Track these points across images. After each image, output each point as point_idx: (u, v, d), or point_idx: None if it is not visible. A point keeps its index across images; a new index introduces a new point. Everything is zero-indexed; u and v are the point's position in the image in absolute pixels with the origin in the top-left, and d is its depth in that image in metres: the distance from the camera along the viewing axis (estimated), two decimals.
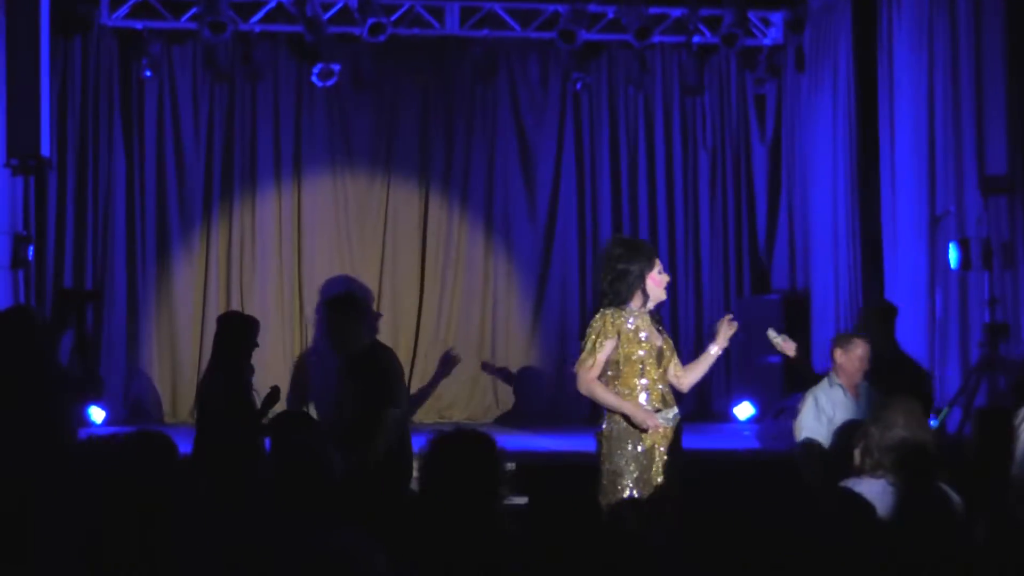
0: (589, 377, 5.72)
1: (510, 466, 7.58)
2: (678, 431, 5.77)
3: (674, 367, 5.91)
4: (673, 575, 3.43)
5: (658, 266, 5.81)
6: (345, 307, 7.02)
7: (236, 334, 7.02)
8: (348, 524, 3.51)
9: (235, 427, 6.73)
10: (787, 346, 6.67)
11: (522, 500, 3.82)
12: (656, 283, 5.78)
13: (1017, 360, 8.59)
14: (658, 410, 5.67)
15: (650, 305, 5.81)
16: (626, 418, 5.66)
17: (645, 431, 5.61)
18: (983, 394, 8.71)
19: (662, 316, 6.03)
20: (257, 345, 7.16)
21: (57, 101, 11.00)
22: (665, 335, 5.86)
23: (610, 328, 5.69)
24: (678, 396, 5.98)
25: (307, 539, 2.68)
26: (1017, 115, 8.88)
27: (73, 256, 11.17)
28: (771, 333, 6.69)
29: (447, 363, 11.75)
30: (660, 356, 5.75)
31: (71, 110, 11.21)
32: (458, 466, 3.43)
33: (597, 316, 5.78)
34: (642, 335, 5.72)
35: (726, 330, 5.94)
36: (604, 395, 5.72)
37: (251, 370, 7.07)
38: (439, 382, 11.74)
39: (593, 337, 5.73)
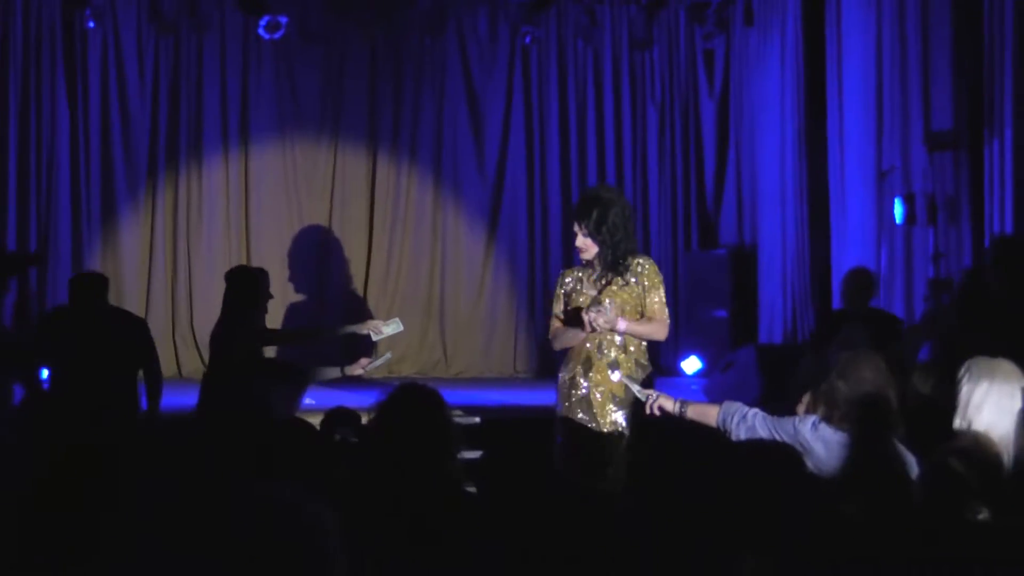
0: (551, 333, 5.82)
1: (475, 420, 7.61)
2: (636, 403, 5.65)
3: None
4: (619, 525, 3.47)
5: (575, 226, 5.78)
6: None
7: (249, 285, 6.89)
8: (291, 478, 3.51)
9: (247, 381, 6.60)
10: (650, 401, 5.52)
11: (476, 454, 3.84)
12: (577, 244, 5.77)
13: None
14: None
15: (586, 259, 5.77)
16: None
17: (594, 331, 5.59)
18: (926, 348, 8.79)
19: (641, 266, 5.74)
20: (271, 296, 7.03)
21: None
22: (623, 288, 5.74)
23: (558, 288, 5.85)
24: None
25: (251, 489, 2.66)
26: (963, 70, 8.93)
27: (16, 212, 10.99)
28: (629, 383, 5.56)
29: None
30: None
31: (12, 61, 11.00)
32: (409, 422, 3.44)
33: None
34: (579, 291, 5.76)
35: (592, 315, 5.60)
36: (560, 337, 5.79)
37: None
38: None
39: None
